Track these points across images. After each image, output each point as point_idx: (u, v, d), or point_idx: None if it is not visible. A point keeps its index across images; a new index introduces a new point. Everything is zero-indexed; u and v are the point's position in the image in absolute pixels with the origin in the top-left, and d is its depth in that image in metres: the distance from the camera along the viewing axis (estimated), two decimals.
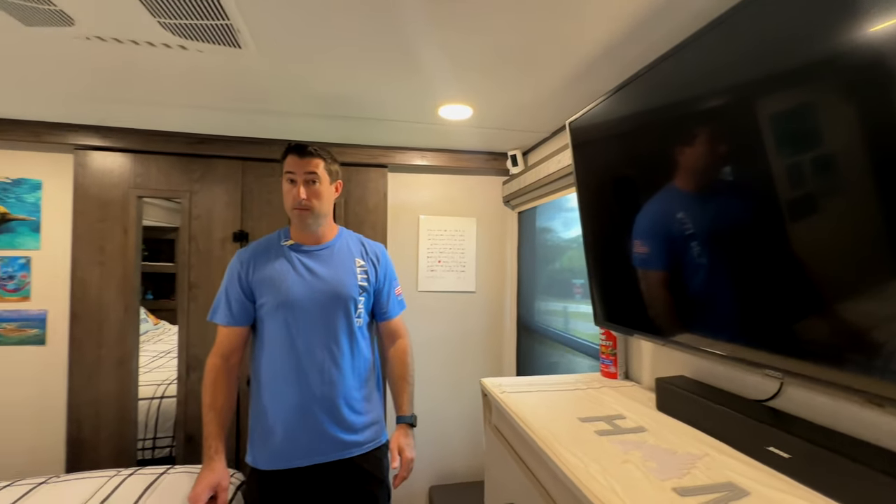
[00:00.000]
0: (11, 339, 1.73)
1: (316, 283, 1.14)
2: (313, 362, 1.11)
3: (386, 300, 1.26)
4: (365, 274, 1.22)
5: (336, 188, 1.21)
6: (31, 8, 0.90)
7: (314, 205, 1.13)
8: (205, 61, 1.15)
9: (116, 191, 1.79)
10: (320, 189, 1.14)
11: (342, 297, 1.15)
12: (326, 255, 1.19)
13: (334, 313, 1.14)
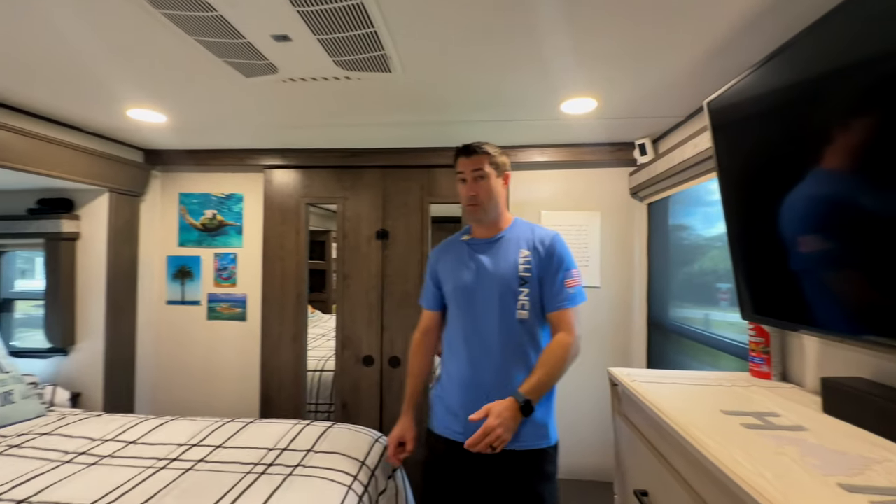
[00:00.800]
0: (224, 315, 2.28)
1: (480, 275, 1.22)
2: (474, 347, 1.21)
3: (549, 290, 1.20)
4: (528, 264, 1.20)
5: (504, 180, 1.26)
6: (251, 64, 1.22)
7: (482, 200, 1.21)
8: (360, 86, 1.39)
9: (291, 200, 2.22)
10: (487, 184, 1.21)
11: (499, 288, 1.19)
12: (495, 247, 1.25)
13: (492, 304, 1.19)
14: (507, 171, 1.27)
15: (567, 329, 1.18)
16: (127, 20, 1.01)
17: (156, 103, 1.58)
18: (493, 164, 1.23)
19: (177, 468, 1.31)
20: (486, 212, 1.24)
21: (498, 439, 1.03)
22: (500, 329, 1.19)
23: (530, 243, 1.23)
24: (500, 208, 1.26)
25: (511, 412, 1.07)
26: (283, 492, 1.19)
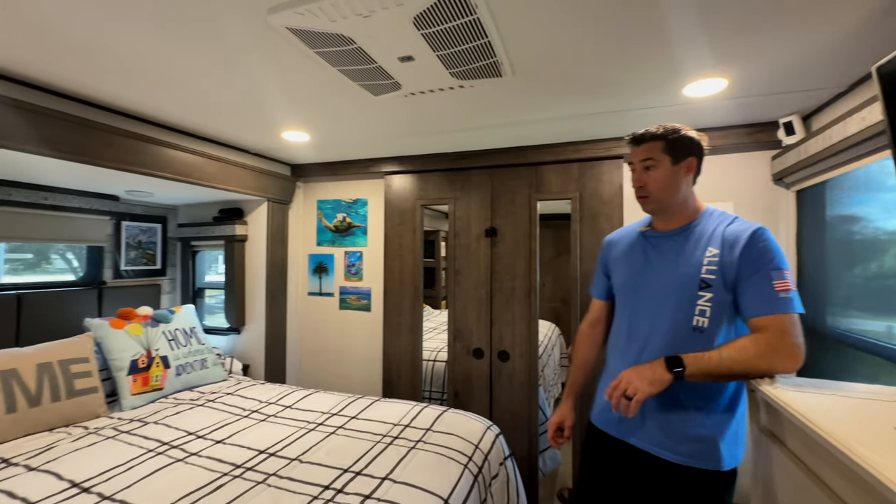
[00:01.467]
0: (353, 306, 2.60)
1: (652, 273, 1.10)
2: (634, 352, 1.08)
3: (752, 291, 0.97)
4: (715, 265, 1.01)
5: (687, 167, 1.07)
6: (379, 84, 1.39)
7: (651, 191, 1.08)
8: (472, 93, 1.48)
9: (408, 202, 2.43)
10: (658, 174, 1.07)
11: (674, 290, 1.04)
12: (676, 242, 1.09)
13: (662, 308, 1.05)
14: (693, 155, 1.08)
15: (773, 335, 0.94)
16: (290, 61, 1.25)
17: (302, 125, 1.88)
18: (669, 150, 1.07)
19: (322, 431, 1.56)
20: (659, 204, 1.10)
21: (630, 386, 0.93)
22: (667, 336, 1.03)
23: (722, 239, 1.03)
24: (681, 199, 1.09)
25: (651, 365, 0.95)
26: (408, 461, 1.33)
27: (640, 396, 0.91)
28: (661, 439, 1.03)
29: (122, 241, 2.41)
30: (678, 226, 1.11)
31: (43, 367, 1.58)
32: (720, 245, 1.03)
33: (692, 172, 1.09)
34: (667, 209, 1.11)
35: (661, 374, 0.93)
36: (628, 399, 0.93)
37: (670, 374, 0.93)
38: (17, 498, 1.11)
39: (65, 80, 1.39)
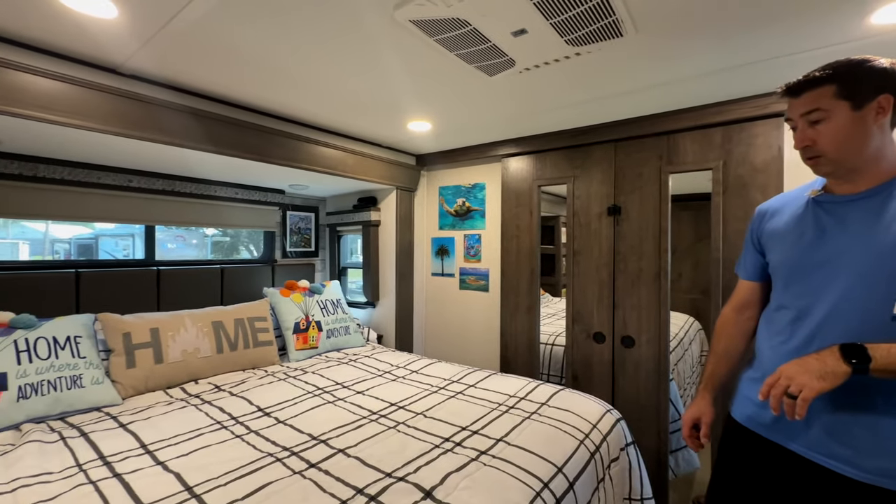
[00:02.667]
0: (472, 286, 2.72)
1: (827, 248, 0.87)
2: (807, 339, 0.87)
3: None
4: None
5: (878, 108, 0.81)
6: (493, 63, 1.43)
7: (825, 149, 0.85)
8: (589, 60, 1.42)
9: (525, 184, 2.44)
10: (829, 128, 0.84)
11: (868, 271, 0.81)
12: (864, 208, 0.85)
13: (851, 289, 0.82)
14: (887, 90, 0.81)
15: None
16: (413, 53, 1.37)
17: (425, 114, 2.04)
18: (846, 92, 0.82)
19: (443, 394, 1.70)
20: (839, 165, 0.86)
21: (793, 382, 0.74)
22: (852, 325, 0.81)
23: None
24: (871, 153, 0.84)
25: (819, 355, 0.76)
26: (522, 428, 1.37)
27: (808, 394, 0.73)
28: (835, 449, 0.82)
29: (287, 227, 2.94)
30: (869, 186, 0.85)
31: (238, 321, 2.05)
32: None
33: (887, 114, 0.81)
34: (852, 169, 0.86)
35: (834, 365, 0.74)
36: (792, 398, 0.74)
37: (847, 365, 0.73)
38: (225, 413, 1.49)
39: (243, 94, 1.76)
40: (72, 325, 1.60)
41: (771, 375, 0.79)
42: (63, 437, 1.27)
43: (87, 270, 1.96)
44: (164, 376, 1.74)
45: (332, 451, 1.21)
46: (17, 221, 2.55)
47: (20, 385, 1.38)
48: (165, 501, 0.97)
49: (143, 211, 2.20)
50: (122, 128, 1.52)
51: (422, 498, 0.99)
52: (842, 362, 0.74)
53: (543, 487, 1.09)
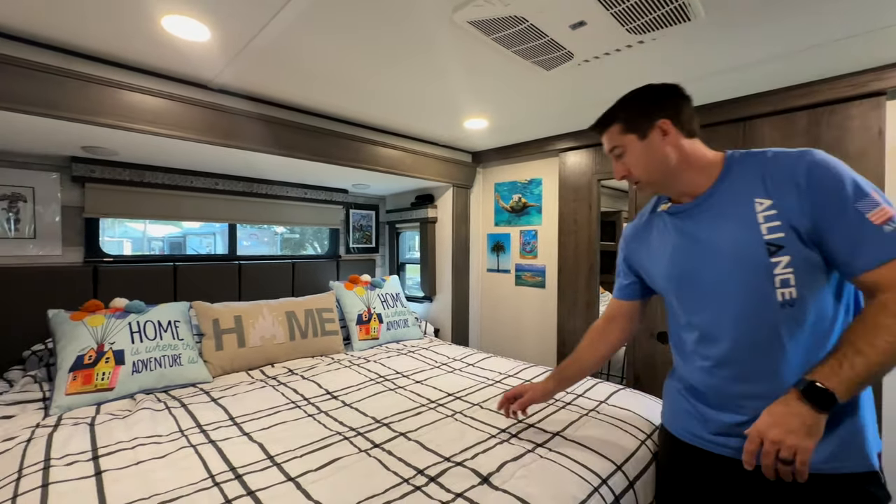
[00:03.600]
0: (528, 282, 2.70)
1: (698, 254, 0.90)
2: (720, 351, 0.90)
3: (843, 242, 0.76)
4: (775, 218, 0.80)
5: (662, 132, 0.89)
6: (551, 57, 1.42)
7: (637, 176, 0.95)
8: (652, 49, 1.36)
9: (584, 178, 2.38)
10: (630, 159, 0.94)
11: (737, 266, 0.84)
12: (709, 208, 0.89)
13: (733, 290, 0.85)
14: (661, 115, 0.89)
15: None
16: (471, 52, 1.41)
17: (482, 112, 2.06)
18: (629, 127, 0.92)
19: (499, 388, 1.72)
20: (659, 185, 0.94)
21: (783, 447, 0.71)
22: (749, 324, 0.84)
23: (768, 183, 0.82)
24: (680, 167, 0.90)
25: (787, 408, 0.73)
26: (579, 424, 1.36)
27: (806, 457, 0.71)
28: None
29: (350, 224, 3.11)
30: (703, 191, 0.91)
31: (308, 312, 2.21)
32: (767, 191, 0.82)
33: (671, 135, 0.90)
34: (673, 183, 0.93)
35: (811, 417, 0.71)
36: (787, 463, 0.72)
37: (822, 412, 0.71)
38: (298, 394, 1.63)
39: (312, 101, 1.89)
40: (172, 311, 1.84)
41: (750, 439, 0.76)
42: (168, 407, 1.47)
43: (181, 264, 2.23)
44: (245, 359, 1.93)
45: (393, 434, 1.28)
46: (122, 222, 2.95)
47: (134, 361, 1.61)
48: (252, 466, 1.09)
49: (226, 211, 2.45)
50: (211, 137, 1.71)
51: (479, 483, 1.03)
52: (813, 410, 0.72)
53: (602, 483, 1.08)
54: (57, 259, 1.96)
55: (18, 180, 1.86)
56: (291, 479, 1.03)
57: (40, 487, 0.97)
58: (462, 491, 0.99)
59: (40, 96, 1.34)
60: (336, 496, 0.96)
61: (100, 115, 1.45)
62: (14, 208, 1.85)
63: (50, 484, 0.98)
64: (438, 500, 0.95)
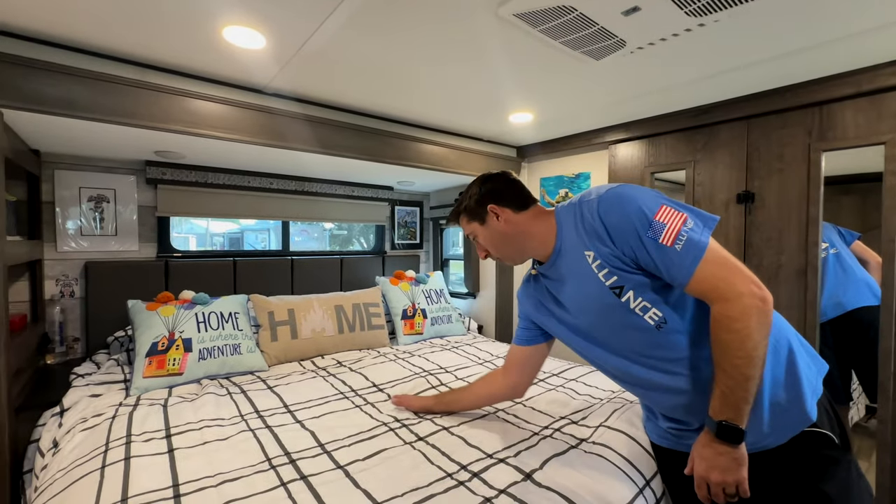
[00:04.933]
0: None
1: (572, 312, 1.02)
2: (640, 387, 1.00)
3: (655, 268, 0.84)
4: (603, 267, 0.89)
5: (495, 216, 1.04)
6: (601, 46, 1.37)
7: (495, 254, 1.10)
8: (716, 29, 1.27)
9: (636, 171, 2.27)
10: (483, 241, 1.09)
11: (602, 313, 0.93)
12: (561, 268, 1.00)
13: (613, 333, 0.95)
14: (488, 203, 1.05)
15: (718, 296, 0.79)
16: (517, 45, 1.38)
17: (527, 105, 2.02)
18: (470, 217, 1.09)
19: (543, 386, 1.69)
20: (514, 257, 1.08)
21: (725, 485, 0.81)
22: (643, 355, 0.92)
23: (585, 236, 0.92)
24: (522, 239, 1.04)
25: (711, 449, 0.81)
26: (621, 412, 1.31)
27: (745, 485, 0.81)
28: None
29: (395, 221, 3.17)
30: (550, 253, 1.01)
31: (356, 306, 2.29)
32: (587, 244, 0.91)
33: (503, 214, 1.04)
34: (525, 252, 1.07)
35: (733, 451, 0.80)
36: (734, 495, 0.82)
37: (736, 442, 0.79)
38: (346, 385, 1.69)
39: (359, 101, 1.94)
40: (232, 304, 1.97)
41: (698, 485, 0.85)
42: (229, 392, 1.58)
43: (240, 259, 2.38)
44: (298, 350, 2.03)
45: (437, 428, 1.30)
46: (188, 219, 3.19)
47: (200, 349, 1.74)
48: (305, 452, 1.15)
49: (279, 209, 2.58)
50: (265, 139, 1.80)
51: (522, 479, 1.02)
52: (729, 446, 0.79)
53: (646, 485, 1.03)
54: (134, 254, 2.15)
55: (102, 183, 2.07)
56: (340, 467, 1.08)
57: (123, 460, 1.08)
58: (505, 487, 0.99)
59: (119, 106, 1.48)
60: (382, 486, 0.99)
61: (170, 122, 1.58)
62: (99, 208, 2.06)
63: (131, 457, 1.09)
64: (482, 496, 0.96)
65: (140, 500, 0.92)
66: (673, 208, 0.84)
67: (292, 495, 0.95)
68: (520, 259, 1.09)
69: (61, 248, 1.98)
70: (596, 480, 1.01)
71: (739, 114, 1.86)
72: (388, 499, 0.94)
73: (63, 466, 1.10)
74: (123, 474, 1.02)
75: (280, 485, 1.00)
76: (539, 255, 1.05)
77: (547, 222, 1.01)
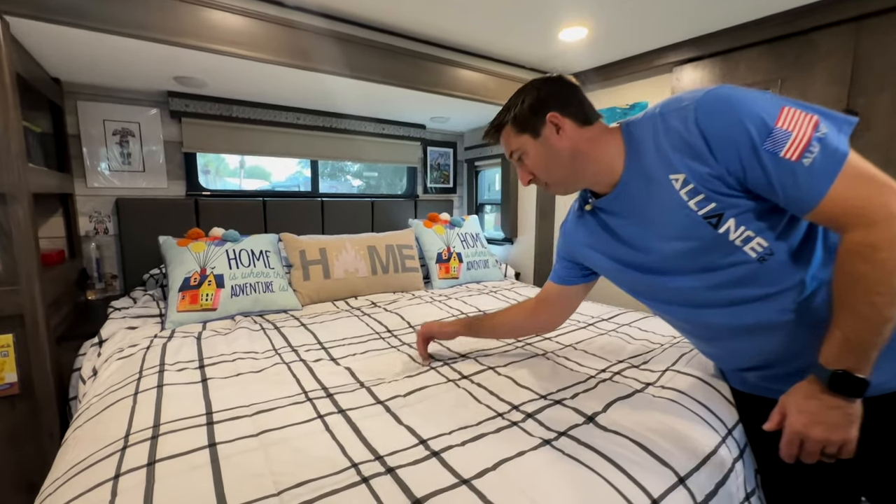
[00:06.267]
0: None
1: (637, 258, 0.84)
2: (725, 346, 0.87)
3: (771, 191, 0.66)
4: (698, 192, 0.70)
5: (555, 127, 0.81)
6: None
7: (544, 178, 0.87)
8: None
9: None
10: (531, 161, 0.86)
11: (685, 254, 0.76)
12: (629, 199, 0.81)
13: (700, 285, 0.78)
14: (548, 109, 0.82)
15: (859, 220, 0.61)
16: None
17: (582, 16, 1.74)
18: (522, 128, 0.85)
19: (592, 331, 1.55)
20: (568, 183, 0.87)
21: (826, 443, 0.65)
22: (740, 299, 0.76)
23: (671, 156, 0.72)
24: (585, 160, 0.82)
25: (818, 402, 0.65)
26: (691, 357, 1.16)
27: (852, 447, 0.65)
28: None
29: (428, 163, 2.99)
30: (615, 181, 0.82)
31: (389, 247, 2.18)
32: (674, 164, 0.72)
33: (565, 127, 0.81)
34: (581, 178, 0.86)
35: (844, 407, 0.64)
36: (832, 456, 0.66)
37: (854, 395, 0.63)
38: (382, 325, 1.61)
39: (391, 16, 1.72)
40: (263, 242, 1.89)
41: (789, 441, 0.68)
42: (263, 328, 1.53)
43: (270, 199, 2.29)
44: (330, 290, 1.96)
45: (482, 368, 1.20)
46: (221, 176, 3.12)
47: (232, 285, 1.69)
48: (342, 387, 1.07)
49: (307, 146, 2.45)
50: (288, 58, 1.63)
51: (584, 421, 0.91)
52: (848, 402, 0.64)
53: (728, 434, 0.90)
54: (163, 192, 2.10)
55: (126, 116, 1.98)
56: (380, 402, 0.99)
57: (156, 388, 1.03)
58: (565, 429, 0.88)
59: (131, 16, 1.34)
60: (427, 423, 0.90)
61: (186, 36, 1.43)
62: (125, 142, 1.99)
63: (164, 385, 1.05)
64: (539, 437, 0.85)
65: (172, 427, 0.86)
66: (799, 110, 0.64)
67: (330, 428, 0.88)
68: (573, 187, 0.89)
69: (91, 183, 1.94)
70: (670, 426, 0.88)
71: (846, 14, 1.53)
72: (434, 436, 0.85)
73: (98, 392, 1.07)
74: (156, 401, 0.97)
75: (317, 416, 0.92)
76: (599, 183, 0.85)
77: (614, 143, 0.81)
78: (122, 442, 0.82)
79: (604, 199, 0.86)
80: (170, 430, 0.85)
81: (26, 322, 1.28)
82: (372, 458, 0.77)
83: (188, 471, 0.73)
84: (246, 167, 3.19)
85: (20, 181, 1.24)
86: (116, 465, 0.75)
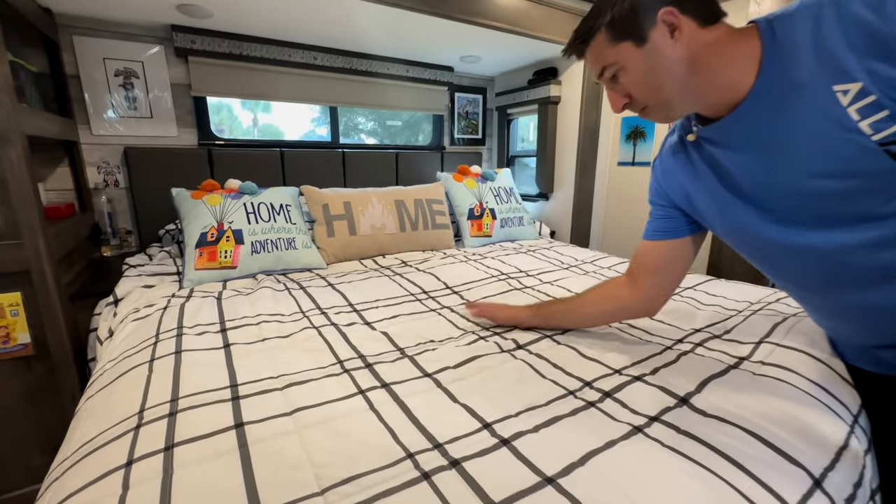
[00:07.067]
0: None
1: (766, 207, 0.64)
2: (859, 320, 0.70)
3: None
4: (880, 107, 0.48)
5: (668, 27, 0.60)
6: None
7: (644, 99, 0.67)
8: None
9: None
10: (629, 78, 0.65)
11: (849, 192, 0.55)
12: (754, 125, 0.60)
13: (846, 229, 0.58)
14: (658, 13, 0.59)
15: None
16: None
17: None
18: (619, 33, 0.63)
19: None
20: (672, 106, 0.66)
21: None
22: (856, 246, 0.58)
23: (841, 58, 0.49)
24: (707, 74, 0.60)
25: None
26: (793, 322, 0.99)
27: None
28: None
29: (455, 111, 2.73)
30: (739, 99, 0.60)
31: (418, 202, 2.01)
32: (852, 65, 0.48)
33: (684, 26, 0.59)
34: (695, 98, 0.64)
35: None
36: None
37: None
38: (416, 286, 1.46)
39: None
40: (283, 195, 1.74)
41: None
42: (287, 288, 1.40)
43: (288, 150, 2.11)
44: (357, 247, 1.82)
45: (538, 336, 1.05)
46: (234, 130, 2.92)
47: (252, 241, 1.55)
48: (382, 356, 0.94)
49: (325, 91, 2.22)
50: None
51: (676, 404, 0.75)
52: None
53: (854, 421, 0.74)
54: (174, 140, 1.93)
55: (128, 54, 1.78)
56: (428, 376, 0.86)
57: (174, 353, 0.92)
58: (657, 413, 0.73)
59: None
60: (486, 402, 0.76)
61: None
62: (129, 84, 1.80)
63: (182, 351, 0.93)
64: (627, 423, 0.70)
65: (193, 401, 0.74)
66: None
67: (374, 406, 0.74)
68: (683, 110, 0.69)
69: (97, 130, 1.78)
70: (787, 412, 0.72)
71: None
72: (499, 419, 0.71)
73: (113, 357, 0.96)
74: (174, 369, 0.85)
75: (358, 392, 0.79)
76: (715, 105, 0.64)
77: (746, 48, 0.58)
78: (136, 419, 0.70)
79: (714, 127, 0.65)
80: (190, 406, 0.73)
81: (34, 279, 1.17)
82: (430, 447, 0.64)
83: (212, 458, 0.61)
84: (259, 125, 2.98)
85: (10, 120, 1.08)
86: (129, 447, 0.63)
